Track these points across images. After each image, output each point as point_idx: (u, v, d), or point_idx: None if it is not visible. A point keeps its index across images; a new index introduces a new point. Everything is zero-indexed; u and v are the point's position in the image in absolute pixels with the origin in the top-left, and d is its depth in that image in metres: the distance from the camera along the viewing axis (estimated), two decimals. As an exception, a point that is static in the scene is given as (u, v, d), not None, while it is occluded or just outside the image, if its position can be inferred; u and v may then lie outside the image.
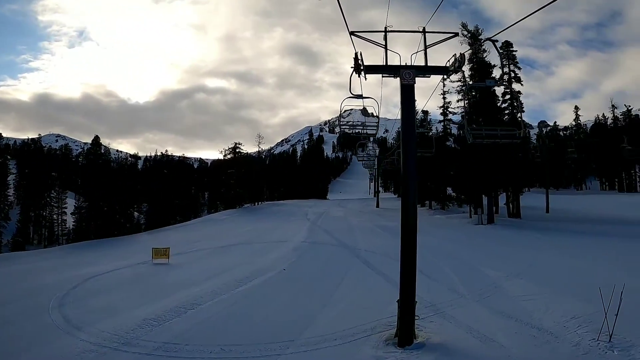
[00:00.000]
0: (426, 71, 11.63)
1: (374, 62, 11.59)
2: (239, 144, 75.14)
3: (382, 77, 12.05)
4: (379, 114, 15.30)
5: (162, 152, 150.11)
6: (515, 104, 43.75)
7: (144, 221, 77.74)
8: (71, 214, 67.81)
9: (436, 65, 11.61)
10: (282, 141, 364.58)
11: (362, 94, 13.21)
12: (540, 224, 35.56)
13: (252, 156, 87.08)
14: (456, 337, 10.98)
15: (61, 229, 73.61)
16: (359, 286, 17.28)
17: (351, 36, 11.12)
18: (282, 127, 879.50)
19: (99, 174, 62.40)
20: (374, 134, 18.02)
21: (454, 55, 11.01)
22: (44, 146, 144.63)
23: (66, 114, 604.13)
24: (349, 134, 20.40)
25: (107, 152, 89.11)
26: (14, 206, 70.66)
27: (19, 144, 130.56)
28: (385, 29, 11.91)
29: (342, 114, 16.14)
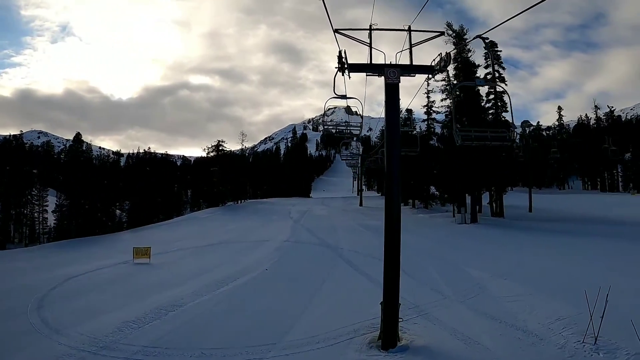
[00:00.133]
0: (411, 70, 11.43)
1: (359, 60, 11.43)
2: (222, 141, 74.78)
3: (367, 75, 11.86)
4: (362, 114, 15.16)
5: (145, 150, 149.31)
6: (508, 103, 43.72)
7: (126, 219, 76.92)
8: (52, 212, 66.97)
9: (421, 64, 11.43)
10: (266, 139, 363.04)
11: (346, 94, 13.04)
12: (523, 224, 35.78)
13: (236, 154, 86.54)
14: (440, 340, 10.88)
15: (42, 227, 72.46)
16: (342, 287, 17.12)
17: (335, 34, 10.89)
18: (265, 125, 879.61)
19: (80, 171, 61.66)
20: (358, 134, 17.91)
21: (440, 54, 10.86)
22: (26, 143, 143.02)
23: (48, 110, 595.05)
24: (333, 134, 20.27)
25: (89, 149, 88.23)
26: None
27: (0, 140, 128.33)
28: (370, 26, 11.75)
29: (326, 112, 16.00)
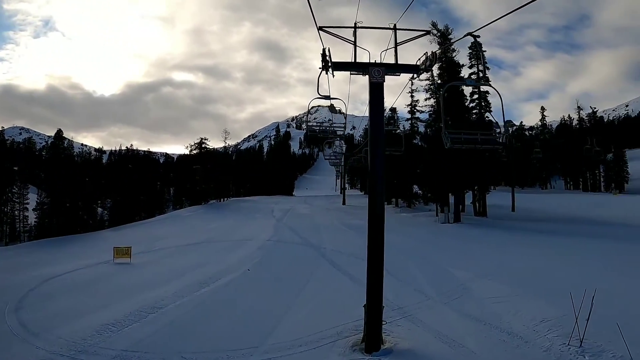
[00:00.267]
0: (396, 69, 11.23)
1: (343, 58, 11.26)
2: (205, 139, 74.54)
3: (351, 74, 11.68)
4: (346, 115, 14.99)
5: (127, 147, 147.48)
6: (491, 103, 44.21)
7: (107, 217, 76.03)
8: (33, 209, 65.84)
9: (406, 63, 11.25)
10: (249, 137, 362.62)
11: (329, 94, 12.84)
12: (506, 223, 36.05)
13: (219, 151, 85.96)
14: (425, 343, 10.76)
15: (23, 225, 71.23)
16: (325, 288, 16.93)
17: (319, 31, 10.65)
18: (249, 123, 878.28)
19: (62, 168, 60.75)
20: (342, 134, 17.77)
21: (425, 53, 10.70)
22: (7, 139, 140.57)
23: (30, 106, 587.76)
24: (317, 134, 20.09)
25: (70, 146, 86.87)
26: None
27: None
28: (355, 24, 11.56)
29: (309, 110, 15.81)
